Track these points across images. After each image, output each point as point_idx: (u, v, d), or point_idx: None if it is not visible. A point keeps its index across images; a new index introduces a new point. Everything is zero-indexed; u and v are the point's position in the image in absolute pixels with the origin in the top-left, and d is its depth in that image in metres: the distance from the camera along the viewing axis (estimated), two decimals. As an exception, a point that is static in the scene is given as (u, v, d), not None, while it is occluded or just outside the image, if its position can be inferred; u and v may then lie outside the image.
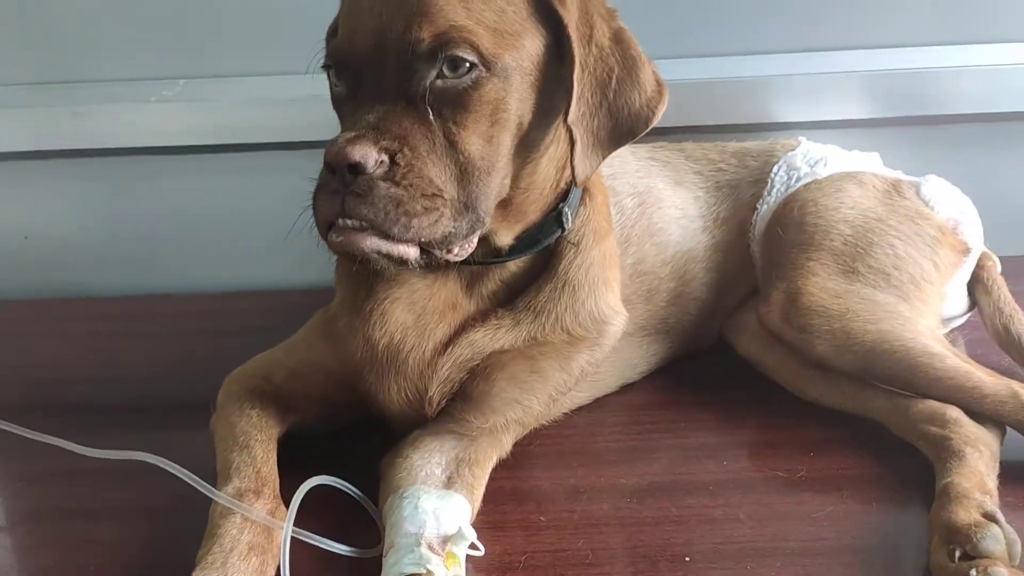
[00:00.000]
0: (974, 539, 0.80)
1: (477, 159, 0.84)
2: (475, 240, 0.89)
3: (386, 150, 0.80)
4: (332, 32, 0.95)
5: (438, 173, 0.82)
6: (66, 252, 1.54)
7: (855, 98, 1.40)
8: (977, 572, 0.77)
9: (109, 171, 1.49)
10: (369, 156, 0.79)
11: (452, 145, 0.83)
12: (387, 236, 0.81)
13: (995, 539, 0.80)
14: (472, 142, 0.84)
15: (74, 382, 1.25)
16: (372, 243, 0.81)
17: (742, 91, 1.40)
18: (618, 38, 0.91)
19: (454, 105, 0.83)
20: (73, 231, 1.53)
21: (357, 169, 0.79)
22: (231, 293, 1.52)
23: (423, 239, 0.82)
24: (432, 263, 0.87)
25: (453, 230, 0.84)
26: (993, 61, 1.38)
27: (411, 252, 0.83)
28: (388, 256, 0.83)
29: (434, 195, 0.82)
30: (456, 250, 0.87)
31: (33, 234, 1.54)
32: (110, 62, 1.44)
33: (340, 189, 0.80)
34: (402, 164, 0.80)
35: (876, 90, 1.39)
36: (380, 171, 0.79)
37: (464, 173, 0.84)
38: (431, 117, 0.82)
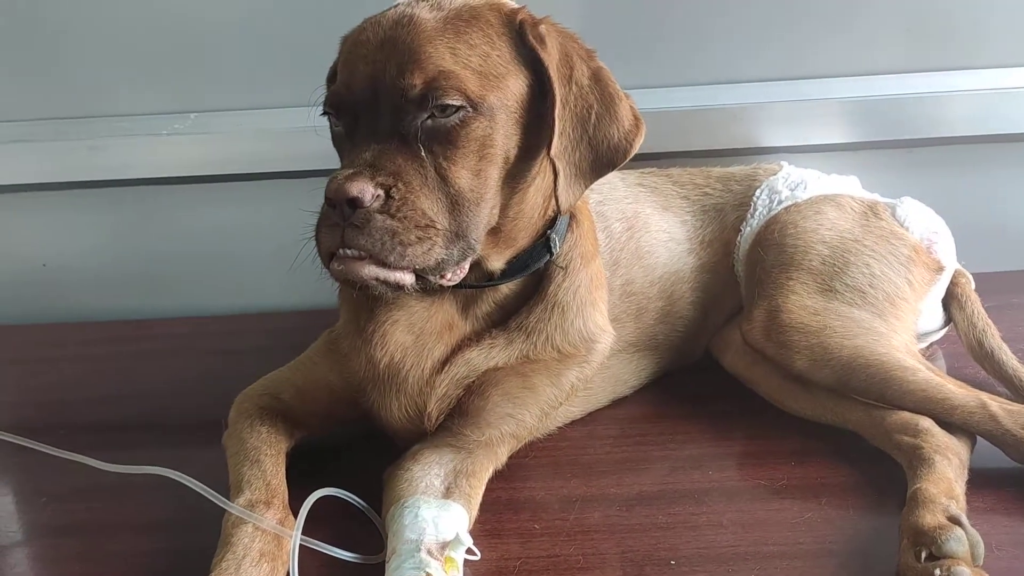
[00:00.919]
0: (938, 541, 0.83)
1: (466, 191, 0.90)
2: (467, 266, 0.94)
3: (382, 185, 0.86)
4: (331, 76, 1.01)
5: (430, 205, 0.88)
6: (83, 278, 1.59)
7: (835, 123, 1.45)
8: (941, 571, 0.81)
9: (123, 201, 1.55)
10: (366, 191, 0.85)
11: (443, 179, 0.89)
12: (384, 264, 0.87)
13: (958, 541, 0.84)
14: (461, 176, 0.90)
15: (92, 402, 1.30)
16: (370, 271, 0.87)
17: (728, 118, 1.45)
18: (597, 77, 0.97)
19: (444, 142, 0.89)
20: (89, 258, 1.58)
21: (355, 203, 0.85)
22: (240, 315, 1.57)
23: (417, 266, 0.88)
24: (427, 288, 0.93)
25: (446, 257, 0.89)
26: (966, 87, 1.43)
27: (407, 278, 0.89)
28: (386, 283, 0.88)
29: (427, 226, 0.87)
30: (449, 275, 0.93)
31: (51, 262, 1.59)
32: (123, 98, 1.50)
33: (340, 222, 0.86)
34: (397, 198, 0.86)
35: (854, 116, 1.45)
36: (376, 204, 0.85)
37: (455, 204, 0.89)
38: (423, 154, 0.88)
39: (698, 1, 1.42)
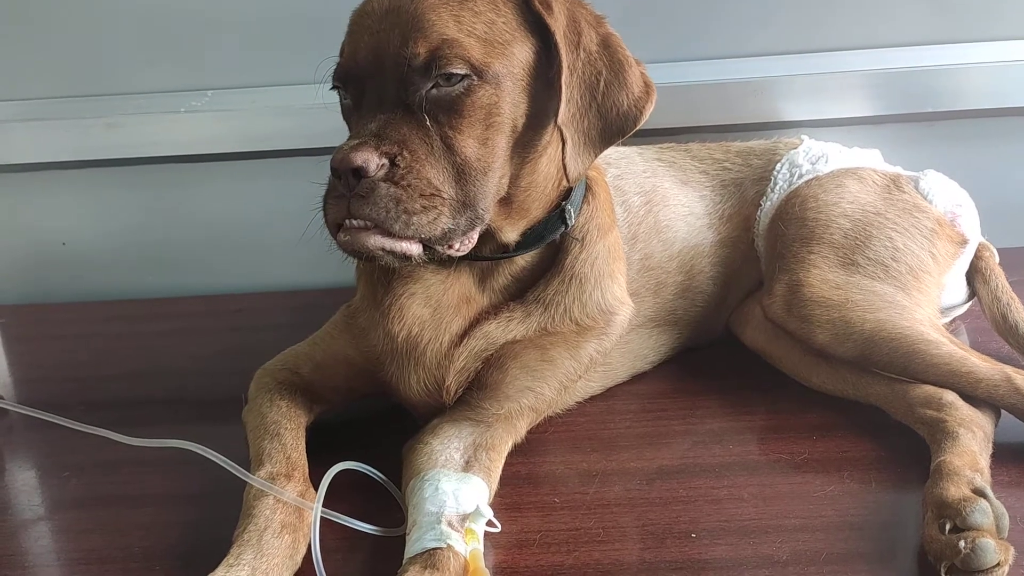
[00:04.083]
0: (963, 513, 0.83)
1: (473, 160, 0.89)
2: (475, 236, 0.94)
3: (386, 154, 0.85)
4: (343, 50, 1.00)
5: (436, 174, 0.87)
6: (102, 257, 1.60)
7: (856, 96, 1.43)
8: (965, 543, 0.80)
9: (142, 179, 1.55)
10: (370, 161, 0.84)
11: (449, 148, 0.88)
12: (390, 234, 0.86)
13: (983, 513, 0.83)
14: (468, 145, 0.89)
15: (113, 378, 1.31)
16: (376, 241, 0.87)
17: (748, 91, 1.44)
18: (606, 43, 0.95)
19: (449, 111, 0.88)
20: (108, 237, 1.59)
21: (360, 173, 0.84)
22: (258, 293, 1.57)
23: (423, 235, 0.87)
24: (435, 258, 0.92)
25: (452, 227, 0.89)
26: (990, 58, 1.41)
27: (413, 248, 0.88)
28: (392, 252, 0.88)
29: (432, 194, 0.87)
30: (457, 245, 0.92)
31: (71, 240, 1.60)
32: (141, 76, 1.50)
33: (346, 192, 0.86)
34: (401, 167, 0.85)
35: (876, 88, 1.43)
36: (381, 174, 0.85)
37: (461, 174, 0.89)
38: (428, 123, 0.88)
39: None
